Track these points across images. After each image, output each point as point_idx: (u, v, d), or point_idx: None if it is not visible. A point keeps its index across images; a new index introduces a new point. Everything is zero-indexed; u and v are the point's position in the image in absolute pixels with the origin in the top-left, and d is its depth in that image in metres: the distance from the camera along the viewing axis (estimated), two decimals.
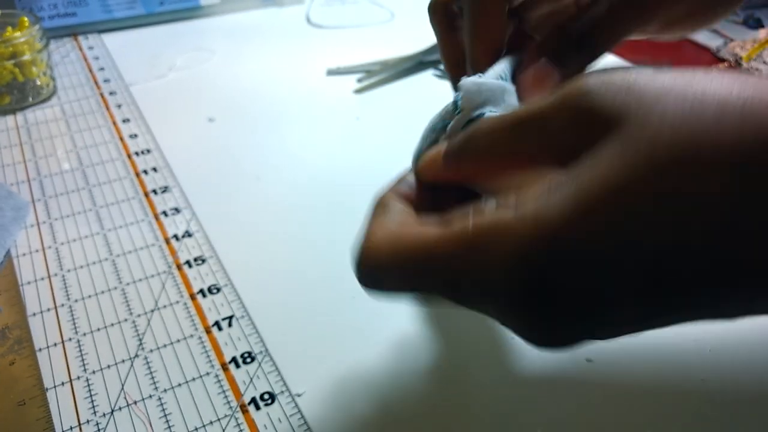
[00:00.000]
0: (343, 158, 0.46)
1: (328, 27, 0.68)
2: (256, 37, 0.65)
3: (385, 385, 0.30)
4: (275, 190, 0.43)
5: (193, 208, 0.41)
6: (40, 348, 0.31)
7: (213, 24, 0.68)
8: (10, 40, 0.49)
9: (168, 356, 0.31)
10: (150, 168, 0.45)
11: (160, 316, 0.33)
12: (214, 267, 0.36)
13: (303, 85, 0.56)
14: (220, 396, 0.29)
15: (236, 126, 0.50)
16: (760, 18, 0.86)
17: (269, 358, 0.31)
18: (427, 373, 0.30)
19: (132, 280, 0.35)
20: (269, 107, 0.53)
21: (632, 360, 0.31)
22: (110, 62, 0.59)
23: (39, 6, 0.60)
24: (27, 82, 0.51)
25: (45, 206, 0.41)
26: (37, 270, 0.36)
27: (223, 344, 0.32)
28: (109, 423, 0.28)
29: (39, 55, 0.51)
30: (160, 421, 0.28)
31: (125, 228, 0.39)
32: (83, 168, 0.45)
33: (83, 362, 0.30)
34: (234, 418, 0.28)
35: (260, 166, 0.45)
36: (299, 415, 0.28)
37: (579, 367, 0.31)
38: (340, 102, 0.54)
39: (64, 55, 0.60)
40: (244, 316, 0.33)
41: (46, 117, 0.51)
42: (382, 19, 0.70)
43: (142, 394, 0.29)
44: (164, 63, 0.59)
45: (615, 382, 0.30)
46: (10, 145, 0.47)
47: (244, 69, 0.59)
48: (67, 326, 0.32)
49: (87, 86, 0.55)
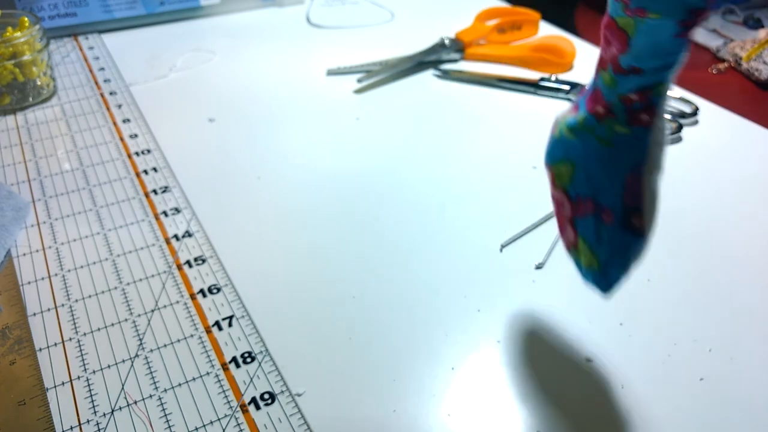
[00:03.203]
0: (343, 158, 0.46)
1: (328, 27, 0.68)
2: (256, 37, 0.65)
3: (385, 385, 0.30)
4: (275, 190, 0.43)
5: (194, 208, 0.41)
6: (41, 348, 0.31)
7: (213, 24, 0.68)
8: (10, 40, 0.49)
9: (168, 356, 0.31)
10: (150, 168, 0.45)
11: (161, 315, 0.33)
12: (215, 267, 0.36)
13: (303, 85, 0.56)
14: (220, 396, 0.29)
15: (236, 126, 0.50)
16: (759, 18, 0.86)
17: (269, 358, 0.31)
18: (428, 373, 0.30)
19: (132, 280, 0.35)
20: (269, 107, 0.53)
21: (632, 360, 0.31)
22: (110, 62, 0.59)
23: (39, 6, 0.60)
24: (27, 83, 0.51)
25: (45, 206, 0.41)
26: (37, 270, 0.36)
27: (224, 344, 0.32)
28: (109, 423, 0.28)
29: (39, 55, 0.51)
30: (160, 420, 0.28)
31: (125, 228, 0.39)
32: (83, 168, 0.45)
33: (83, 362, 0.30)
34: (234, 418, 0.28)
35: (260, 166, 0.45)
36: (299, 414, 0.28)
37: (578, 367, 0.31)
38: (340, 102, 0.54)
39: (64, 56, 0.61)
40: (244, 316, 0.33)
41: (47, 117, 0.51)
42: (382, 19, 0.70)
43: (143, 394, 0.29)
44: (164, 63, 0.59)
45: (614, 383, 0.30)
46: (10, 145, 0.47)
47: (245, 69, 0.59)
48: (68, 326, 0.32)
49: (87, 86, 0.55)
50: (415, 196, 0.42)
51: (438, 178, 0.44)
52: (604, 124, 0.25)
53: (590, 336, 0.32)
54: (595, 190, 0.26)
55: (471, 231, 0.39)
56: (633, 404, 0.29)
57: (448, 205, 0.42)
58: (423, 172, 0.45)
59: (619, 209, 0.25)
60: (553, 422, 0.28)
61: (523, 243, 0.38)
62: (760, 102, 0.72)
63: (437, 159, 0.46)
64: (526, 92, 0.56)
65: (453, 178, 0.44)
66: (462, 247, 0.35)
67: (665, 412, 0.28)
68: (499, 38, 0.64)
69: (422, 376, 0.30)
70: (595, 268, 0.26)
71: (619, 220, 0.25)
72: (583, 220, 0.26)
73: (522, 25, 0.65)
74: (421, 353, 0.31)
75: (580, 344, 0.32)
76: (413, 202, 0.42)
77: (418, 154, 0.47)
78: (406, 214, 0.41)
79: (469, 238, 0.39)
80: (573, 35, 0.65)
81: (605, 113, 0.25)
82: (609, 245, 0.26)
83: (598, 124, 0.25)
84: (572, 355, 0.31)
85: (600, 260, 0.26)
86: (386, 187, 0.43)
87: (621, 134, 0.25)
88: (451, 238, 0.39)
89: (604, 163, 0.25)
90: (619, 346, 0.32)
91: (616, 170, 0.25)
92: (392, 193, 0.43)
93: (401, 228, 0.39)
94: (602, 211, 0.25)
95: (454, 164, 0.46)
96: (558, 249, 0.38)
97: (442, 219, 0.40)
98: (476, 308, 0.34)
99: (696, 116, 0.51)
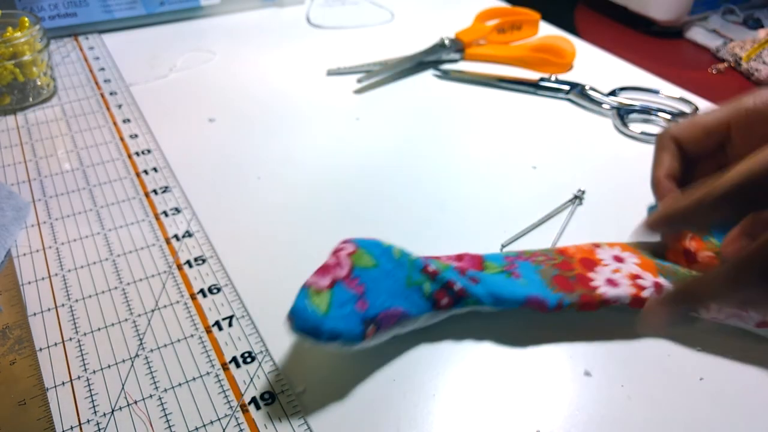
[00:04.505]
0: (343, 158, 0.47)
1: (329, 27, 0.68)
2: (256, 37, 0.65)
3: (385, 385, 0.30)
4: (276, 190, 0.43)
5: (194, 208, 0.41)
6: (41, 348, 0.31)
7: (213, 24, 0.68)
8: (10, 40, 0.49)
9: (168, 356, 0.31)
10: (150, 168, 0.45)
11: (161, 315, 0.33)
12: (215, 267, 0.36)
13: (303, 85, 0.56)
14: (220, 396, 0.29)
15: (237, 126, 0.50)
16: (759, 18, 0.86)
17: (269, 358, 0.31)
18: (428, 372, 0.30)
19: (132, 279, 0.35)
20: (269, 107, 0.53)
21: (631, 361, 0.31)
22: (111, 62, 0.59)
23: (39, 6, 0.60)
24: (27, 83, 0.51)
25: (46, 206, 0.41)
26: (37, 270, 0.36)
27: (224, 344, 0.32)
28: (109, 423, 0.28)
29: (39, 55, 0.51)
30: (160, 420, 0.28)
31: (126, 228, 0.39)
32: (84, 168, 0.45)
33: (84, 362, 0.30)
34: (234, 418, 0.28)
35: (260, 166, 0.45)
36: (299, 414, 0.28)
37: (579, 367, 0.31)
38: (340, 102, 0.54)
39: (64, 56, 0.61)
40: (244, 315, 0.33)
41: (47, 117, 0.51)
42: (382, 19, 0.70)
43: (143, 394, 0.29)
44: (165, 63, 0.59)
45: (613, 385, 0.30)
46: (10, 146, 0.47)
47: (245, 69, 0.59)
48: (68, 326, 0.32)
49: (87, 86, 0.55)
50: (416, 196, 0.42)
51: (438, 178, 0.44)
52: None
53: (591, 335, 0.32)
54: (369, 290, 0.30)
55: (471, 231, 0.39)
56: (632, 404, 0.29)
57: (448, 204, 0.42)
58: (423, 172, 0.45)
59: (373, 312, 0.29)
60: (554, 422, 0.28)
61: (523, 243, 0.38)
62: None
63: (437, 159, 0.46)
64: (526, 92, 0.56)
65: (453, 177, 0.44)
66: (462, 247, 0.35)
67: (665, 412, 0.29)
68: (498, 38, 0.64)
69: (422, 375, 0.30)
70: (323, 312, 0.28)
71: (370, 313, 0.29)
72: (341, 287, 0.29)
73: (522, 25, 0.65)
74: (422, 352, 0.31)
75: (581, 344, 0.32)
76: (413, 202, 0.42)
77: (418, 154, 0.47)
78: (406, 214, 0.41)
79: (469, 238, 0.39)
80: (573, 35, 0.65)
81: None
82: (341, 317, 0.28)
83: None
84: (573, 355, 0.31)
85: (325, 311, 0.28)
86: (386, 187, 0.43)
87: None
88: (451, 238, 0.39)
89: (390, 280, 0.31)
90: (618, 348, 0.32)
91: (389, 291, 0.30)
92: (392, 193, 0.43)
93: (401, 228, 0.39)
94: (363, 301, 0.29)
95: (453, 164, 0.46)
96: None
97: (442, 219, 0.40)
98: None
99: None
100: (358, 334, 0.28)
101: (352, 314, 0.28)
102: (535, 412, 0.29)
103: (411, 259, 0.32)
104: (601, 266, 0.33)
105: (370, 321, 0.29)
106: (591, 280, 0.32)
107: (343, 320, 0.28)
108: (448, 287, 0.31)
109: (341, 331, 0.28)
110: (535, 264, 0.33)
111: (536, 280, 0.32)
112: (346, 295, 0.29)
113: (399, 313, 0.29)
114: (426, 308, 0.30)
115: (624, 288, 0.31)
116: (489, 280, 0.32)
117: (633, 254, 0.34)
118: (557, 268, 0.33)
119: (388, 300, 0.30)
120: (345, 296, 0.29)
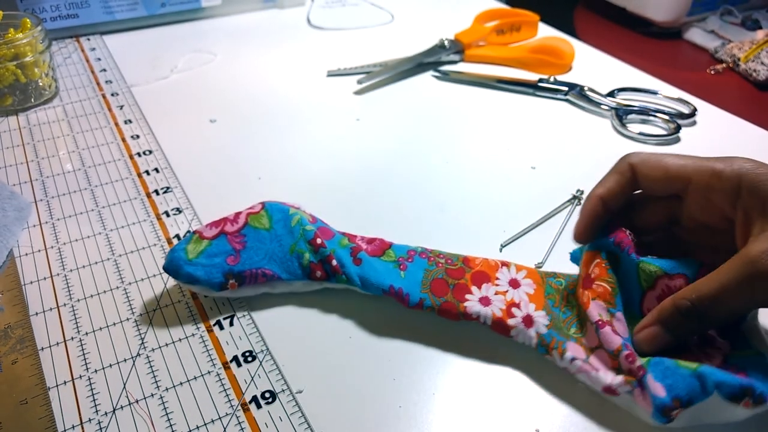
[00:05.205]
0: (344, 159, 0.47)
1: (329, 28, 0.68)
2: (257, 38, 0.65)
3: (385, 384, 0.30)
4: (276, 190, 0.43)
5: (195, 209, 0.41)
6: (43, 347, 0.31)
7: (214, 25, 0.68)
8: (12, 41, 0.49)
9: (170, 355, 0.31)
10: (152, 169, 0.45)
11: (162, 315, 0.33)
12: None
13: (303, 86, 0.57)
14: (221, 394, 0.29)
15: (237, 127, 0.50)
16: (758, 19, 0.86)
17: (270, 357, 0.31)
18: (428, 371, 0.31)
19: (134, 279, 0.35)
20: (270, 108, 0.53)
21: None
22: (112, 64, 0.60)
23: (41, 7, 0.61)
24: (29, 84, 0.52)
25: (47, 206, 0.41)
26: (39, 270, 0.36)
27: (225, 343, 0.32)
28: (111, 422, 0.28)
29: (41, 56, 0.51)
30: (161, 419, 0.28)
31: (127, 228, 0.39)
32: (85, 169, 0.45)
33: (85, 361, 0.31)
34: (235, 417, 0.28)
35: (261, 166, 0.46)
36: (300, 413, 0.28)
37: None
38: (341, 103, 0.54)
39: (66, 57, 0.61)
40: (245, 315, 0.33)
41: (48, 118, 0.51)
42: (382, 20, 0.70)
43: (144, 393, 0.29)
44: (166, 64, 0.59)
45: None
46: (12, 146, 0.47)
47: (246, 70, 0.59)
48: (69, 325, 0.33)
49: (89, 87, 0.56)
50: (415, 197, 0.43)
51: (438, 179, 0.45)
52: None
53: None
54: (248, 248, 0.34)
55: (470, 231, 0.40)
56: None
57: (448, 205, 0.42)
58: (423, 173, 0.45)
59: (239, 269, 0.33)
60: (553, 422, 0.28)
61: (523, 242, 0.39)
62: (757, 103, 0.72)
63: (437, 159, 0.47)
64: (525, 93, 0.56)
65: (452, 178, 0.45)
66: (462, 247, 0.35)
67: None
68: (498, 40, 0.64)
69: (422, 374, 0.30)
70: (188, 258, 0.33)
71: (236, 269, 0.33)
72: (222, 240, 0.34)
73: (521, 27, 0.65)
74: (422, 352, 0.32)
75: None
76: (413, 202, 0.42)
77: (417, 155, 0.47)
78: (406, 214, 0.41)
79: (469, 238, 0.39)
80: (572, 37, 0.65)
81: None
82: (204, 266, 0.33)
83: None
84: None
85: (192, 258, 0.33)
86: (386, 187, 0.44)
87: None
88: (451, 238, 0.39)
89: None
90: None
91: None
92: (392, 194, 0.43)
93: (401, 228, 0.39)
94: (235, 257, 0.34)
95: (453, 164, 0.46)
96: (558, 249, 0.38)
97: (442, 219, 0.41)
98: None
99: (694, 117, 0.52)
100: (216, 284, 0.32)
101: (218, 266, 0.32)
102: (535, 412, 0.29)
103: (305, 230, 0.34)
104: (490, 284, 0.32)
105: (233, 275, 0.32)
106: (468, 293, 0.32)
107: (204, 269, 0.32)
108: (326, 261, 0.33)
109: (198, 277, 0.32)
110: (430, 264, 0.34)
111: (415, 277, 0.33)
112: (222, 248, 0.33)
113: (269, 274, 0.33)
114: (300, 276, 0.33)
115: (492, 308, 0.31)
116: (368, 265, 0.33)
117: (533, 284, 0.33)
118: (446, 273, 0.33)
119: (262, 261, 0.33)
120: (221, 249, 0.33)
